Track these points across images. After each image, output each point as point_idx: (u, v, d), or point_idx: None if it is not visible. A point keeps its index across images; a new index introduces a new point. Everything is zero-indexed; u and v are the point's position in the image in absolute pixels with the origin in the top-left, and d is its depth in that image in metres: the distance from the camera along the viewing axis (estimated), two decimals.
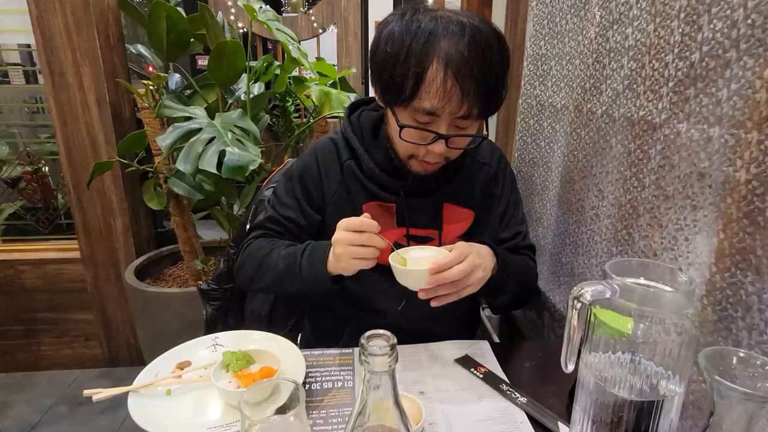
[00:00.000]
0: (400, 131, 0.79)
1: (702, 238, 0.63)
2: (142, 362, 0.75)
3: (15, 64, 2.29)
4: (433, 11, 0.76)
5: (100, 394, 0.69)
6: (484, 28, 0.75)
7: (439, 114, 0.75)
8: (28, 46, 1.88)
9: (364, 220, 0.74)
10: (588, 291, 0.52)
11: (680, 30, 0.65)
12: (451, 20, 0.74)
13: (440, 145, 0.78)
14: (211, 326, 1.15)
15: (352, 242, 0.74)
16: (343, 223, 0.76)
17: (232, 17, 3.73)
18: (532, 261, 1.00)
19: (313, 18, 4.15)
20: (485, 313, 1.31)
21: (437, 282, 0.72)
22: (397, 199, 0.89)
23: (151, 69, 1.90)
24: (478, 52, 0.72)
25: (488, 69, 0.73)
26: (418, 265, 0.74)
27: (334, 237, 0.77)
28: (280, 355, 0.75)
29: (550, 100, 1.11)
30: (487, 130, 0.85)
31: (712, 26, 0.59)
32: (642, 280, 0.55)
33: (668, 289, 0.54)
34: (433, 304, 0.75)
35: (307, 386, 0.74)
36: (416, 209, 0.90)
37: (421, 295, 0.74)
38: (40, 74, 1.81)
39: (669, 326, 0.51)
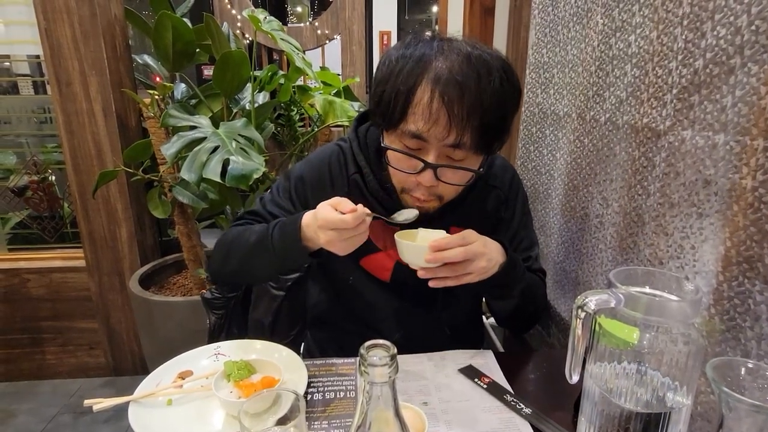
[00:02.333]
0: (386, 155, 0.76)
1: (708, 247, 0.62)
2: (146, 371, 0.75)
3: (24, 75, 2.33)
4: (435, 39, 0.73)
5: (101, 404, 0.69)
6: (486, 56, 0.70)
7: (426, 139, 0.71)
8: (37, 57, 1.90)
9: (346, 218, 0.67)
10: (592, 300, 0.52)
11: (684, 37, 0.65)
12: (451, 46, 0.70)
13: (428, 176, 0.73)
14: (215, 335, 1.14)
15: (345, 237, 0.69)
16: (327, 222, 0.69)
17: (237, 28, 3.77)
18: (541, 282, 0.96)
19: (317, 28, 4.19)
20: (489, 322, 1.30)
21: (436, 260, 0.69)
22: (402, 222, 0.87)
23: (158, 79, 1.91)
24: (472, 75, 0.67)
25: (483, 94, 0.68)
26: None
27: (324, 239, 0.70)
28: (282, 364, 0.74)
29: (552, 108, 1.10)
30: (482, 167, 0.79)
31: (715, 33, 0.59)
32: (647, 289, 0.55)
33: (674, 298, 0.53)
34: (431, 284, 0.73)
35: (309, 396, 0.74)
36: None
37: (421, 274, 0.72)
38: (49, 85, 1.83)
39: (675, 336, 0.51)
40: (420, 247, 0.71)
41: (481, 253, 0.72)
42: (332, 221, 0.68)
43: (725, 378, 0.45)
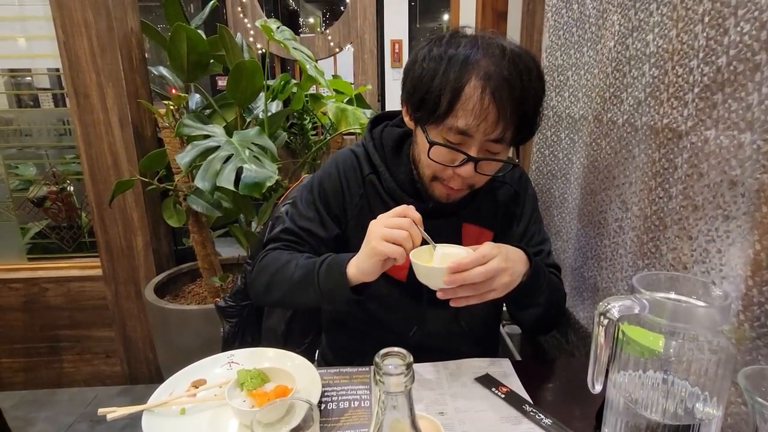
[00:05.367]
0: (429, 149, 0.76)
1: (736, 250, 0.60)
2: (161, 379, 0.74)
3: (45, 89, 2.39)
4: (472, 35, 0.75)
5: (114, 413, 0.69)
6: (523, 54, 0.74)
7: (472, 134, 0.73)
8: (57, 70, 1.95)
9: (408, 207, 0.72)
10: (615, 306, 0.50)
11: (705, 34, 0.63)
12: (491, 43, 0.73)
13: (468, 169, 0.75)
14: (229, 343, 1.14)
15: (389, 225, 0.71)
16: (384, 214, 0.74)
17: (251, 38, 3.82)
18: (558, 279, 0.95)
19: (329, 38, 4.22)
20: (506, 330, 1.28)
21: (455, 282, 0.68)
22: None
23: (173, 91, 1.94)
24: (517, 74, 0.71)
25: (526, 93, 0.72)
26: (440, 264, 0.70)
27: (373, 222, 0.74)
28: (296, 373, 0.73)
29: (567, 111, 1.09)
30: (518, 157, 0.82)
31: (739, 29, 0.57)
32: (673, 295, 0.53)
33: (701, 304, 0.51)
34: (452, 304, 0.71)
35: (323, 405, 0.72)
36: (435, 230, 0.87)
37: (440, 295, 0.71)
38: (67, 97, 1.87)
39: (702, 344, 0.48)
40: (438, 269, 0.69)
41: (502, 269, 0.70)
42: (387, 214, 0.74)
43: (759, 388, 0.43)
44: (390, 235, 0.70)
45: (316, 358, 1.08)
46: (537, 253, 0.92)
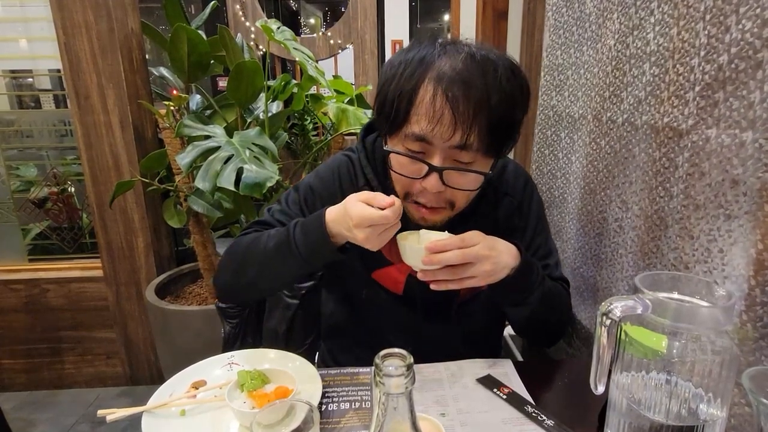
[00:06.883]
0: (389, 159, 0.73)
1: (738, 250, 0.59)
2: (162, 380, 0.74)
3: (46, 90, 2.39)
4: (437, 40, 0.71)
5: (114, 414, 0.68)
6: (491, 54, 0.69)
7: (430, 141, 0.68)
8: (58, 71, 1.95)
9: (386, 214, 0.65)
10: (618, 306, 0.49)
11: (706, 32, 0.62)
12: (455, 47, 0.69)
13: (433, 181, 0.69)
14: (229, 344, 1.14)
15: (380, 231, 0.67)
16: (364, 220, 0.66)
17: (251, 39, 3.83)
18: (564, 291, 0.91)
19: (330, 38, 4.23)
20: (507, 331, 1.27)
21: (432, 262, 0.67)
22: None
23: (174, 92, 1.94)
24: (479, 73, 0.66)
25: (489, 92, 0.66)
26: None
27: (362, 236, 0.67)
28: (296, 374, 0.73)
29: (567, 111, 1.08)
30: (493, 169, 0.76)
31: (740, 26, 0.57)
32: (675, 295, 0.52)
33: (704, 304, 0.50)
34: (432, 287, 0.70)
35: (324, 407, 0.72)
36: None
37: (420, 276, 0.70)
38: (68, 98, 1.87)
39: (706, 344, 0.48)
40: (418, 249, 0.69)
41: (484, 256, 0.69)
42: (370, 218, 0.65)
43: (763, 388, 0.42)
44: (388, 236, 0.69)
45: (316, 360, 1.08)
46: (542, 267, 0.87)
